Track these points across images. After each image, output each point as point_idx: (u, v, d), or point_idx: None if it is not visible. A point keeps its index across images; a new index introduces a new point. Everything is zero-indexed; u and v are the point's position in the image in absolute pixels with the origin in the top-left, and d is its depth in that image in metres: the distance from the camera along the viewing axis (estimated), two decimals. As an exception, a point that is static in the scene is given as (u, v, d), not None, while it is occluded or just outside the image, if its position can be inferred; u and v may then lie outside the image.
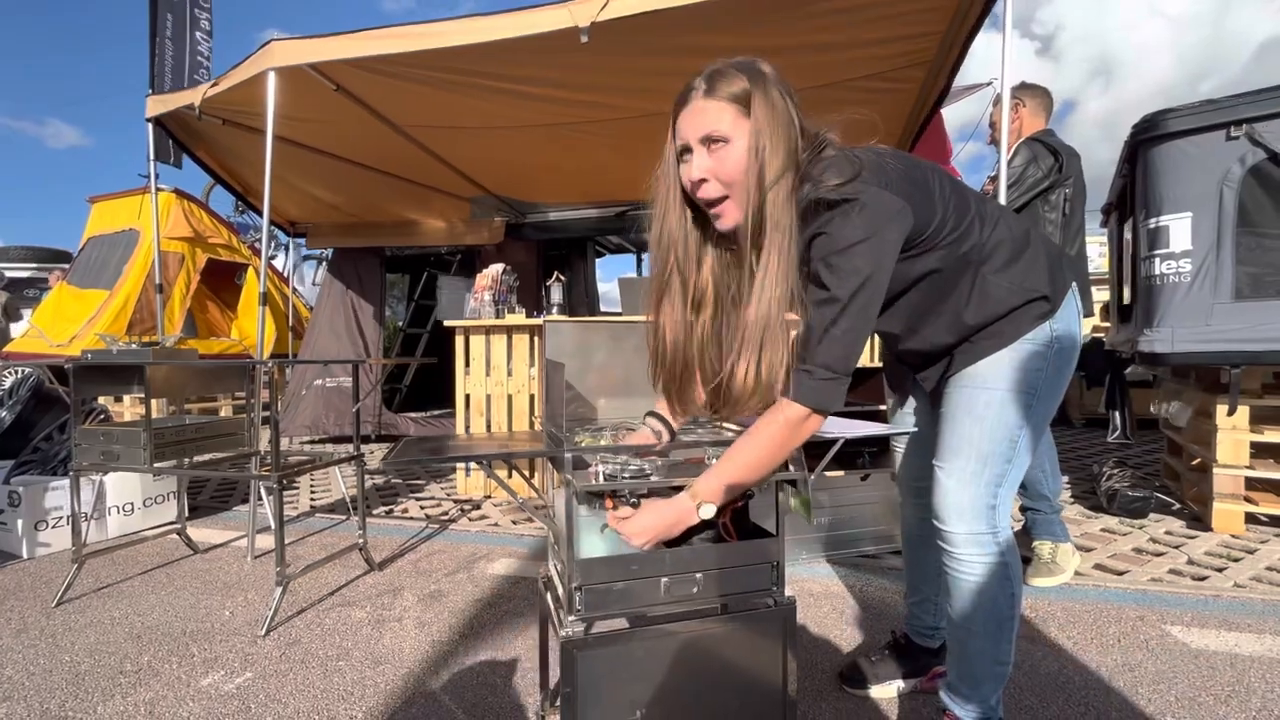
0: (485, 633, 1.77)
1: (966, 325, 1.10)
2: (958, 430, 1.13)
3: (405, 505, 3.15)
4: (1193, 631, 1.71)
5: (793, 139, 0.95)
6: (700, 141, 0.96)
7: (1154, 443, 4.17)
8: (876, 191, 0.93)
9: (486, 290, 3.30)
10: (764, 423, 0.97)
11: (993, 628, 1.14)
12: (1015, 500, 2.16)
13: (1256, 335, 2.23)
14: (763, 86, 0.94)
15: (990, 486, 1.11)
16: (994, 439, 1.10)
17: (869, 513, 2.34)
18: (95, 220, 5.61)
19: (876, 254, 0.94)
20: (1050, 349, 1.09)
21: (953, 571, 1.15)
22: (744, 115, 0.94)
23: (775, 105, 0.94)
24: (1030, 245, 1.11)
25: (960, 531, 1.13)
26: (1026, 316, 1.08)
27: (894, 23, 2.27)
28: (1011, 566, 1.13)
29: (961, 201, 1.07)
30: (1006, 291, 1.08)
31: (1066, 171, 2.19)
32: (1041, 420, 1.12)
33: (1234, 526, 2.48)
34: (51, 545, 2.50)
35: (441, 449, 1.21)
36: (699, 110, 0.96)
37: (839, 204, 0.92)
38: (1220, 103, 2.26)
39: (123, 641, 1.75)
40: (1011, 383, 1.09)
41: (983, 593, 1.12)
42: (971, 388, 1.12)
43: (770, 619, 1.14)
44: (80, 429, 2.04)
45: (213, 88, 2.70)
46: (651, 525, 1.00)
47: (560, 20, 2.13)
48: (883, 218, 0.94)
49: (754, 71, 0.96)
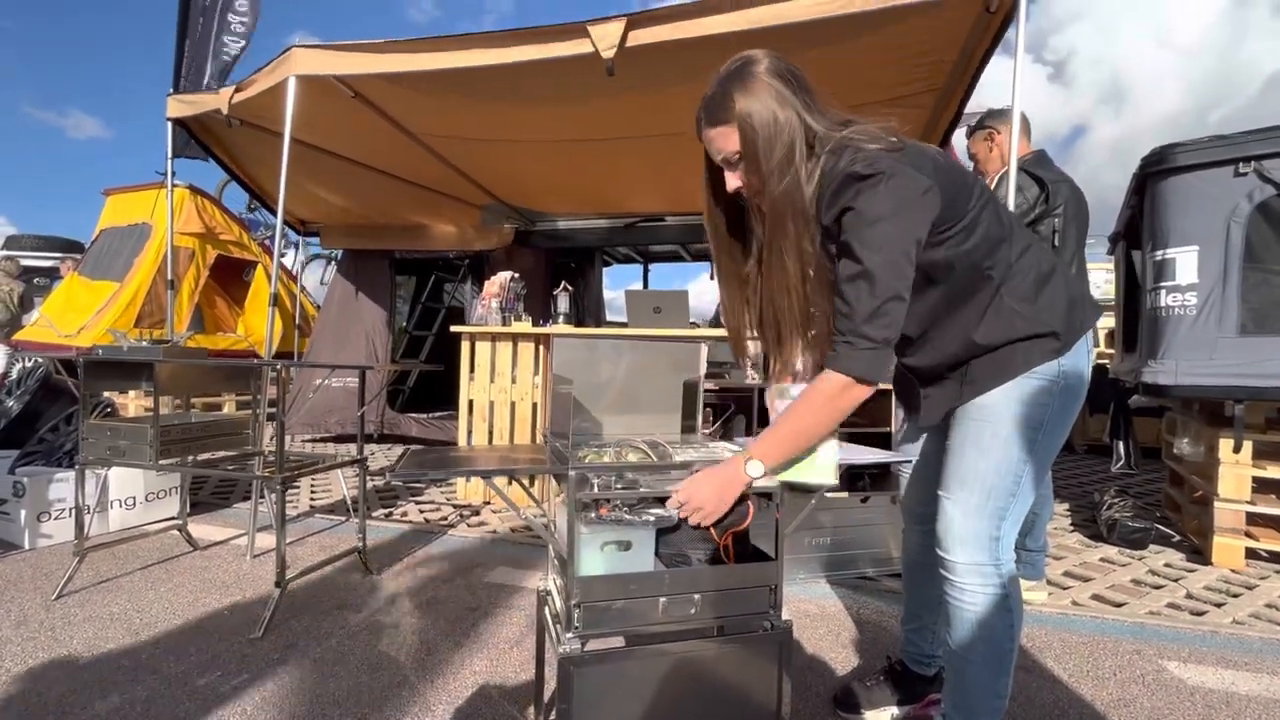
0: (481, 642, 1.77)
1: (974, 343, 1.11)
2: (964, 463, 1.14)
3: (405, 509, 3.16)
4: (1189, 668, 1.71)
5: (791, 124, 1.01)
6: (722, 163, 1.08)
7: (1156, 472, 4.16)
8: (904, 168, 0.97)
9: (494, 297, 3.32)
10: (810, 392, 1.02)
11: (992, 659, 1.14)
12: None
13: (1260, 371, 2.23)
14: (749, 90, 1.01)
15: (994, 519, 1.12)
16: (999, 473, 1.11)
17: (869, 535, 2.34)
18: (109, 212, 5.67)
19: (904, 227, 0.97)
20: (1056, 385, 1.09)
21: (954, 601, 1.16)
22: (739, 128, 1.02)
23: (765, 102, 1.00)
24: (1053, 280, 1.11)
25: (963, 561, 1.14)
26: (1036, 351, 1.09)
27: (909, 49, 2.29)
28: (1012, 599, 1.14)
29: (995, 215, 1.09)
30: (1021, 320, 1.09)
31: (1054, 201, 2.12)
32: (1046, 455, 1.13)
33: (1234, 561, 2.47)
34: (53, 537, 2.52)
35: (446, 461, 1.22)
36: (707, 140, 1.08)
37: (867, 178, 0.96)
38: (1229, 139, 2.28)
39: (121, 637, 1.76)
40: (1017, 417, 1.10)
41: (983, 624, 1.13)
42: (979, 420, 1.13)
43: (766, 642, 1.15)
44: (88, 423, 2.06)
45: (237, 93, 2.74)
46: (703, 484, 1.03)
47: (583, 49, 2.15)
48: (910, 193, 0.97)
49: (742, 77, 1.02)
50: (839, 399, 1.00)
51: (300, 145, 3.29)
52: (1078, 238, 2.16)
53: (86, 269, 5.46)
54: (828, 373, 1.00)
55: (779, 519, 1.17)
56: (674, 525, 1.18)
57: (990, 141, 2.29)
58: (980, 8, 2.05)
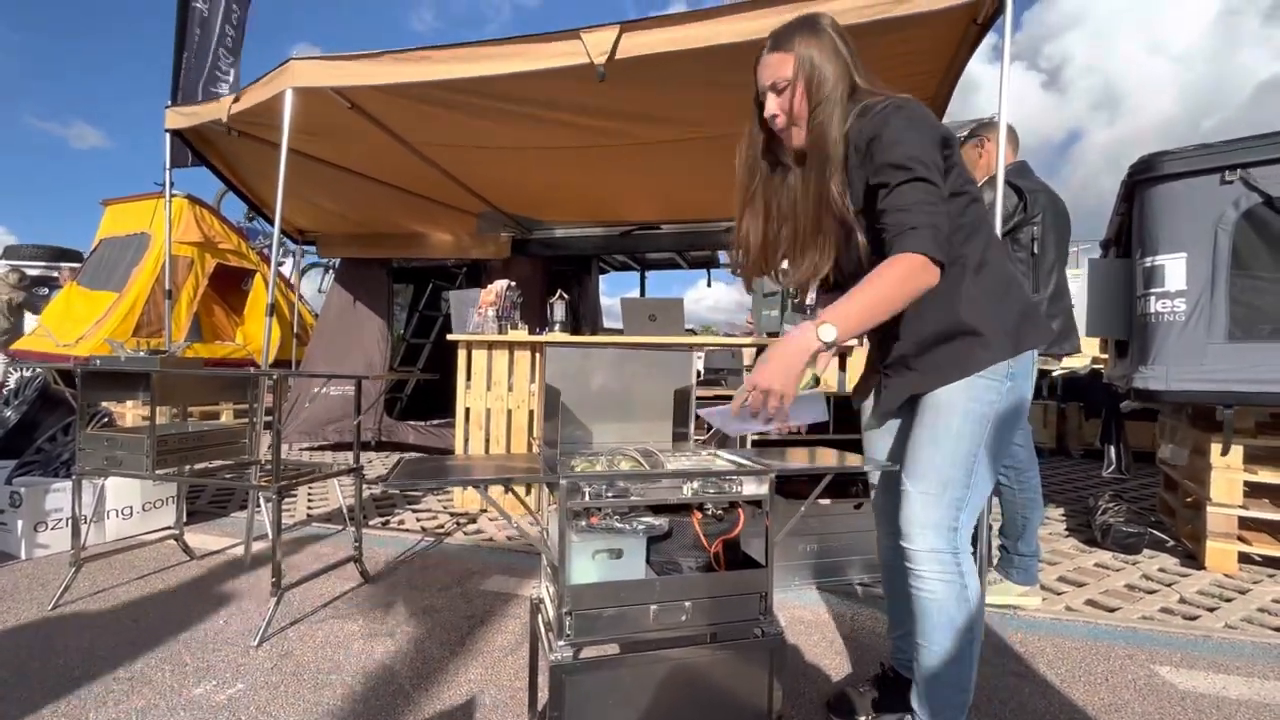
0: (476, 650, 1.78)
1: (953, 322, 1.18)
2: (921, 454, 1.21)
3: (401, 517, 3.17)
4: (1181, 672, 1.72)
5: (840, 69, 1.16)
6: (769, 88, 1.20)
7: (1150, 476, 4.18)
8: (918, 105, 1.12)
9: (491, 305, 3.34)
10: (884, 270, 1.04)
11: (952, 649, 1.17)
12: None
13: (1249, 376, 2.25)
14: (814, 35, 1.17)
15: (951, 509, 1.19)
16: (953, 464, 1.18)
17: (861, 541, 2.35)
18: (108, 222, 5.69)
19: (925, 142, 1.08)
20: (1003, 384, 1.17)
21: (915, 590, 1.21)
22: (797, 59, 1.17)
23: (825, 46, 1.17)
24: (1013, 288, 1.22)
25: (922, 549, 1.19)
26: (995, 349, 1.17)
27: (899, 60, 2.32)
28: (971, 590, 1.19)
29: (976, 205, 1.20)
30: (991, 314, 1.17)
31: (1032, 210, 2.14)
32: (996, 450, 1.20)
33: (1227, 566, 2.48)
34: (50, 547, 2.52)
35: (441, 470, 1.23)
36: (765, 64, 1.21)
37: (887, 108, 1.10)
38: (1215, 147, 2.31)
39: (117, 647, 1.76)
40: (967, 414, 1.17)
41: (942, 612, 1.18)
42: (934, 413, 1.20)
43: (758, 649, 1.16)
44: (85, 433, 2.07)
45: (235, 103, 2.77)
46: (769, 362, 1.04)
47: (577, 56, 2.18)
48: (924, 120, 1.10)
49: (809, 24, 1.19)
50: (914, 278, 1.04)
51: (297, 155, 3.31)
52: (1057, 245, 2.19)
53: (85, 279, 5.48)
54: (901, 254, 1.03)
55: (768, 526, 1.19)
56: (665, 533, 1.20)
57: (980, 149, 2.33)
58: (968, 20, 2.08)
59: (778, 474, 1.20)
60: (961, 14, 2.04)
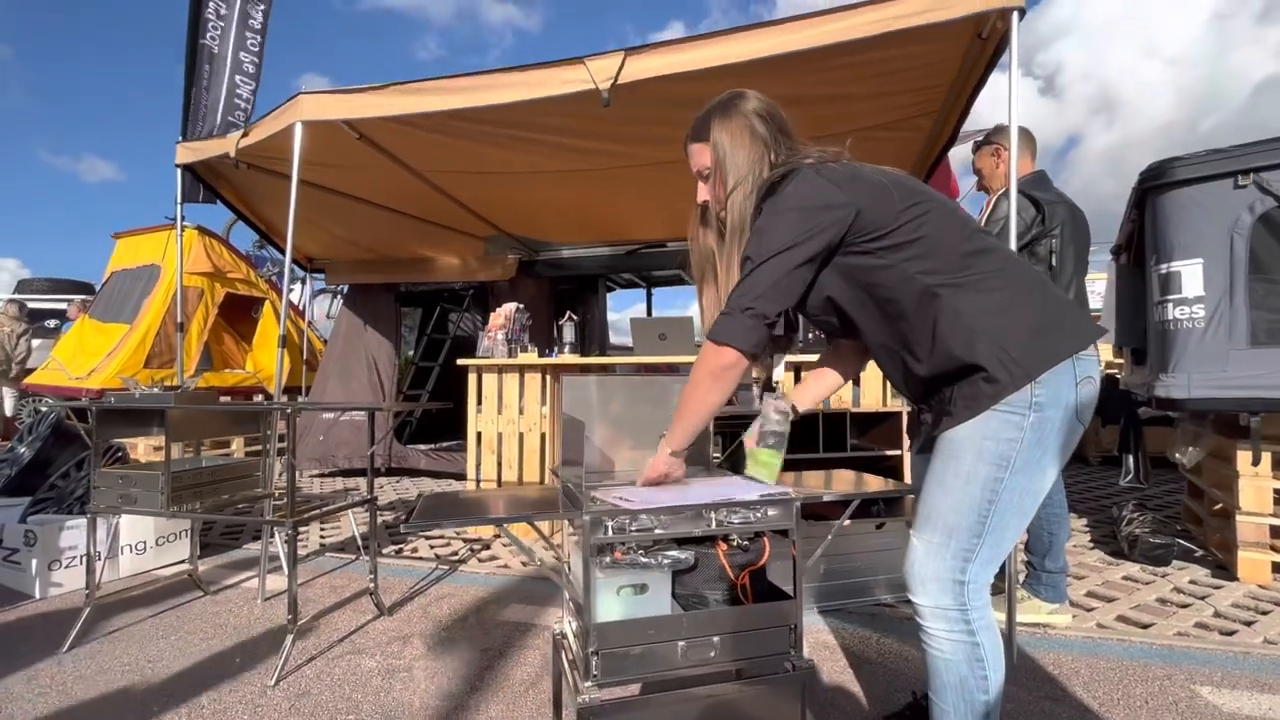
0: (496, 686, 1.75)
1: (929, 365, 1.07)
2: (928, 499, 1.10)
3: (415, 545, 3.14)
4: (1223, 693, 1.66)
5: (755, 153, 1.17)
6: (697, 175, 1.26)
7: (1172, 482, 4.10)
8: (815, 177, 1.09)
9: (500, 329, 3.34)
10: (693, 368, 1.14)
11: (963, 708, 1.08)
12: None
13: (1274, 382, 2.21)
14: (726, 119, 1.19)
15: (956, 560, 1.06)
16: (959, 512, 1.05)
17: (884, 560, 2.30)
18: (119, 255, 5.75)
19: (801, 226, 1.06)
20: (1026, 418, 1.01)
21: (924, 645, 1.12)
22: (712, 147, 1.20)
23: (735, 132, 1.18)
24: (1013, 309, 1.04)
25: (926, 604, 1.09)
26: (1001, 378, 1.00)
27: (901, 76, 2.33)
28: (985, 648, 1.07)
29: (947, 229, 1.07)
30: (981, 344, 1.02)
31: (1050, 222, 2.10)
32: (1020, 495, 1.04)
33: (1260, 576, 2.42)
34: (64, 585, 2.50)
35: (461, 506, 1.21)
36: (690, 152, 1.26)
37: (779, 181, 1.11)
38: (1227, 151, 2.29)
39: (132, 690, 1.74)
40: (980, 454, 1.03)
41: (952, 672, 1.08)
42: (945, 455, 1.08)
43: (788, 683, 1.13)
44: (99, 471, 2.07)
45: (243, 138, 2.80)
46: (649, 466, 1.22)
47: (582, 83, 2.19)
48: (811, 198, 1.07)
49: (724, 110, 1.21)
50: (708, 363, 1.10)
51: (306, 185, 3.34)
52: (1076, 258, 2.15)
53: (98, 312, 5.53)
54: (704, 343, 1.10)
55: (795, 555, 1.16)
56: (690, 566, 1.17)
57: (996, 157, 2.29)
58: (972, 34, 2.08)
59: (803, 500, 1.17)
60: (963, 29, 2.04)
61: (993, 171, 2.32)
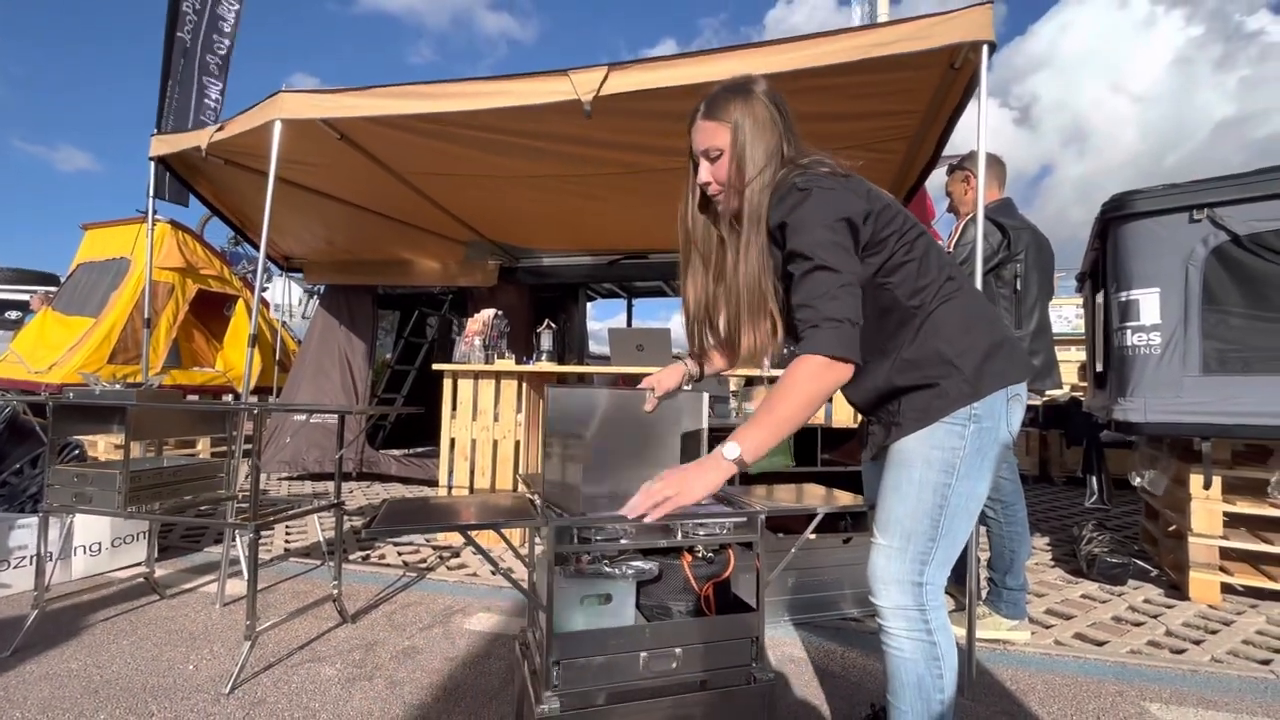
0: (459, 694, 1.72)
1: (897, 375, 1.14)
2: (885, 505, 1.17)
3: (383, 551, 3.09)
4: (1171, 709, 1.71)
5: (774, 142, 1.15)
6: (702, 154, 1.19)
7: (1133, 504, 4.22)
8: (839, 186, 1.09)
9: (477, 335, 3.32)
10: (786, 378, 1.04)
11: (920, 707, 1.13)
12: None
13: (1225, 409, 2.30)
14: (748, 103, 1.15)
15: (915, 563, 1.13)
16: (915, 517, 1.13)
17: (850, 575, 2.33)
18: (87, 247, 5.59)
19: (830, 224, 1.06)
20: (966, 428, 1.10)
21: (884, 645, 1.17)
22: (731, 129, 1.15)
23: (758, 117, 1.15)
24: (977, 325, 1.14)
25: (887, 605, 1.15)
26: (952, 392, 1.10)
27: (876, 100, 2.39)
28: (941, 648, 1.13)
29: (924, 252, 1.14)
30: (940, 361, 1.11)
31: (1015, 248, 2.17)
32: (966, 499, 1.12)
33: (1210, 596, 2.50)
34: (12, 587, 2.41)
35: (425, 512, 1.20)
36: (698, 130, 1.20)
37: (804, 190, 1.07)
38: (1183, 187, 2.40)
39: (78, 697, 1.68)
40: (929, 462, 1.12)
41: (911, 671, 1.13)
42: (896, 465, 1.15)
43: (751, 695, 1.14)
44: (54, 468, 2.00)
45: (219, 132, 2.76)
46: (690, 472, 1.04)
47: (564, 92, 2.22)
48: (841, 204, 1.07)
49: (744, 91, 1.17)
50: (818, 378, 1.02)
51: (284, 183, 3.30)
52: (1040, 283, 2.22)
53: (61, 304, 5.36)
54: (803, 356, 1.03)
55: (759, 568, 1.18)
56: (655, 577, 1.18)
57: (966, 184, 2.39)
58: (946, 65, 2.15)
59: (768, 514, 1.19)
60: (937, 59, 2.11)
61: (962, 197, 2.40)
